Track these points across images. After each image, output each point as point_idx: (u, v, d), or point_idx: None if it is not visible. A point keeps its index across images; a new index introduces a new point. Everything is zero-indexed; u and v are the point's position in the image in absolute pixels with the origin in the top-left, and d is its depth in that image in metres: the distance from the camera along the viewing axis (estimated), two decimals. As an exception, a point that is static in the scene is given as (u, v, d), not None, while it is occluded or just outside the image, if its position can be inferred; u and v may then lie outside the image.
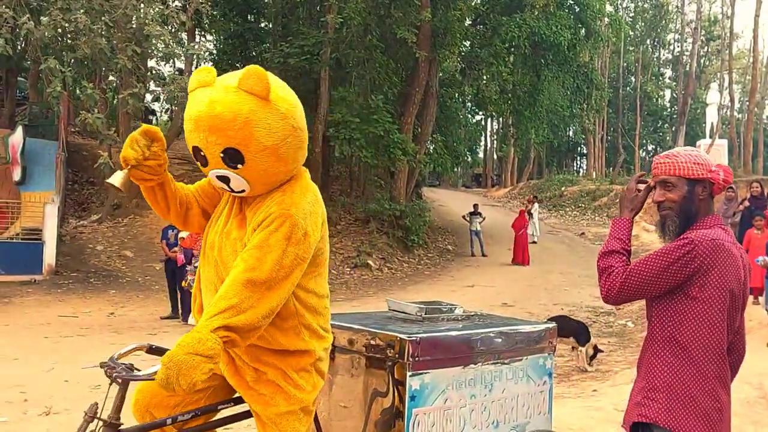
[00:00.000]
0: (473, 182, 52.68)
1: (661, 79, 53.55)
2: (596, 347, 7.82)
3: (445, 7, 19.32)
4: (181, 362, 1.87)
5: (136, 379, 2.11)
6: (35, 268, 13.76)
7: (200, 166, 2.23)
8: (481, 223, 20.40)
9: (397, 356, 2.64)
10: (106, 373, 2.13)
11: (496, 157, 52.88)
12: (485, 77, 23.07)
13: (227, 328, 1.96)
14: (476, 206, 20.96)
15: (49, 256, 14.08)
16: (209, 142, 2.12)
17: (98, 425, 2.08)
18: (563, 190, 33.77)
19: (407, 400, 2.62)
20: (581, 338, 7.79)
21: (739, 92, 49.06)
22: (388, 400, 2.67)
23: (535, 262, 18.56)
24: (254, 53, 22.14)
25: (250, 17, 22.42)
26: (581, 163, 56.51)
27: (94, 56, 11.88)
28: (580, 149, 54.25)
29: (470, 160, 47.97)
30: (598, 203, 29.98)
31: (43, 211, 14.46)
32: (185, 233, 9.80)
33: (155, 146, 2.29)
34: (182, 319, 10.40)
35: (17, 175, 15.90)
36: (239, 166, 2.13)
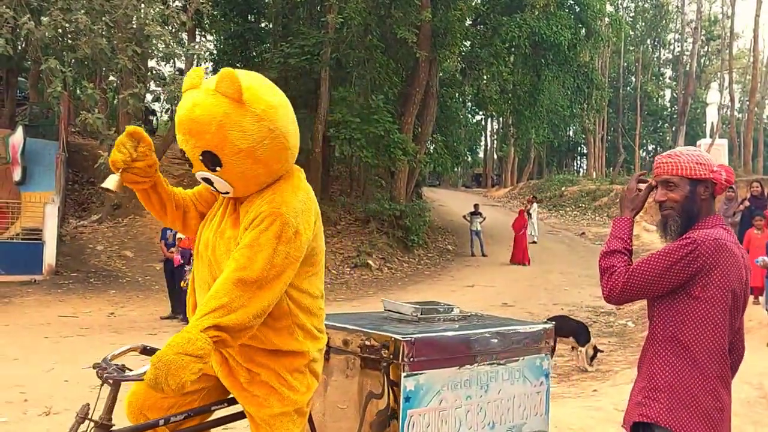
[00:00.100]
0: (473, 182, 52.66)
1: (661, 78, 53.57)
2: (596, 347, 7.81)
3: (445, 7, 19.32)
4: (170, 362, 1.86)
5: (125, 379, 2.09)
6: (35, 268, 13.74)
7: (190, 167, 2.25)
8: (481, 223, 20.41)
9: (391, 357, 2.62)
10: (97, 374, 2.13)
11: (496, 157, 52.89)
12: (485, 77, 23.06)
13: (218, 327, 1.94)
14: (477, 206, 20.97)
15: (49, 256, 14.07)
16: (189, 144, 2.13)
17: (89, 426, 2.07)
18: (563, 190, 33.77)
19: (402, 401, 2.60)
20: (581, 338, 7.78)
21: (739, 92, 49.04)
22: (383, 401, 2.65)
23: (535, 261, 18.57)
24: (254, 53, 22.21)
25: (250, 17, 22.44)
26: (581, 163, 56.50)
27: (94, 56, 11.87)
28: (580, 149, 54.24)
29: (470, 160, 47.90)
30: (598, 203, 29.97)
31: (43, 211, 14.45)
32: (184, 234, 9.79)
33: (142, 147, 2.30)
34: (182, 319, 10.40)
35: (17, 175, 15.87)
36: (218, 168, 2.12)
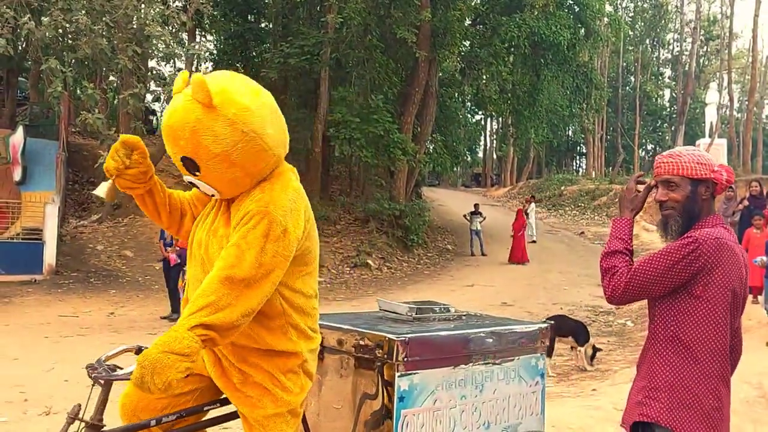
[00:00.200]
0: (473, 182, 52.70)
1: (660, 78, 53.54)
2: (595, 347, 7.81)
3: (444, 7, 19.35)
4: (155, 361, 1.84)
5: (114, 378, 2.08)
6: (35, 267, 13.73)
7: None
8: (481, 222, 20.44)
9: (385, 356, 2.60)
10: (88, 374, 2.12)
11: (495, 156, 52.93)
12: (485, 77, 23.09)
13: (205, 326, 1.93)
14: (477, 206, 21.03)
15: (49, 255, 14.05)
16: (170, 150, 2.15)
17: (80, 426, 2.07)
18: (563, 189, 33.81)
19: (396, 401, 2.58)
20: (580, 338, 7.79)
21: (738, 92, 49.07)
22: (377, 401, 2.64)
23: (534, 261, 18.59)
24: (254, 53, 22.25)
25: (250, 17, 22.46)
26: (581, 162, 56.52)
27: (94, 56, 11.87)
28: (579, 149, 54.26)
29: (470, 159, 47.90)
30: (597, 203, 30.00)
31: (43, 211, 14.42)
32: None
33: (135, 155, 2.32)
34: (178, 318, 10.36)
35: (18, 175, 15.85)
36: (197, 173, 2.13)
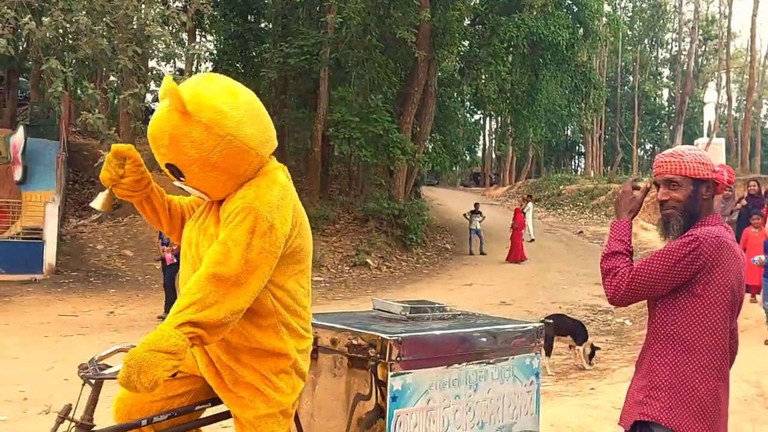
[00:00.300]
0: (472, 181, 52.76)
1: (658, 78, 53.64)
2: (593, 346, 7.83)
3: (444, 7, 19.38)
4: (141, 360, 1.82)
5: (102, 377, 2.06)
6: (36, 267, 13.74)
7: None
8: (481, 222, 20.46)
9: (378, 356, 2.59)
10: (78, 373, 2.10)
11: (494, 156, 52.96)
12: (484, 77, 23.11)
13: (192, 323, 1.91)
14: (477, 205, 21.09)
15: (49, 255, 14.06)
16: (156, 157, 2.16)
17: (70, 426, 2.05)
18: (561, 188, 33.81)
19: (389, 400, 2.57)
20: (578, 337, 7.81)
21: (736, 91, 49.08)
22: (370, 400, 2.63)
23: (533, 260, 18.62)
24: (254, 53, 22.26)
25: (250, 17, 22.46)
26: (579, 162, 56.53)
27: (95, 57, 11.89)
28: (578, 148, 54.29)
29: (469, 159, 47.98)
30: (596, 202, 30.02)
31: (43, 210, 14.43)
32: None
33: (128, 164, 2.34)
34: None
35: (18, 174, 15.85)
36: (182, 178, 2.14)
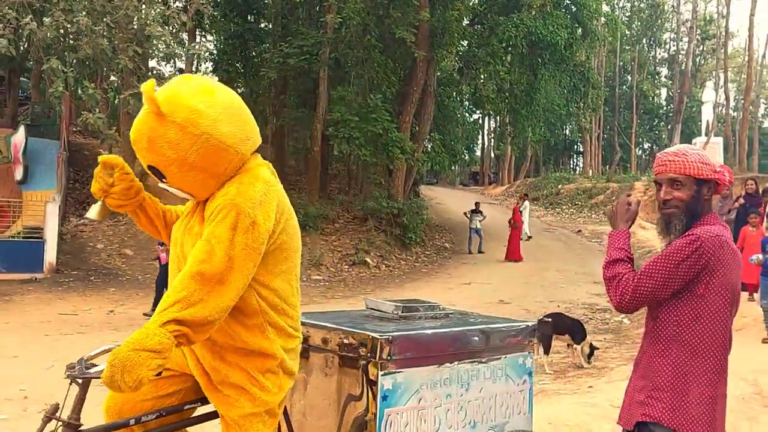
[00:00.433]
0: (471, 180, 52.78)
1: (657, 77, 53.70)
2: (592, 345, 7.85)
3: (443, 7, 19.41)
4: (125, 359, 1.80)
5: (87, 377, 2.04)
6: (36, 266, 13.79)
7: None
8: (481, 221, 20.50)
9: (369, 355, 2.58)
10: (65, 372, 2.08)
11: (493, 155, 52.89)
12: (483, 76, 23.11)
13: (177, 321, 1.89)
14: (478, 204, 21.15)
15: (50, 254, 14.11)
16: (140, 160, 2.16)
17: (57, 425, 2.04)
18: (560, 188, 33.85)
19: (379, 399, 2.55)
20: (577, 336, 7.83)
21: (734, 90, 49.22)
22: (361, 399, 2.61)
23: (531, 259, 18.65)
24: (254, 53, 22.27)
25: (250, 17, 22.45)
26: (578, 161, 56.58)
27: (95, 57, 11.96)
28: (576, 147, 54.34)
29: (468, 158, 48.07)
30: (594, 201, 30.06)
31: (44, 209, 14.47)
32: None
33: (116, 172, 2.38)
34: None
35: (19, 174, 15.87)
36: (164, 180, 2.14)
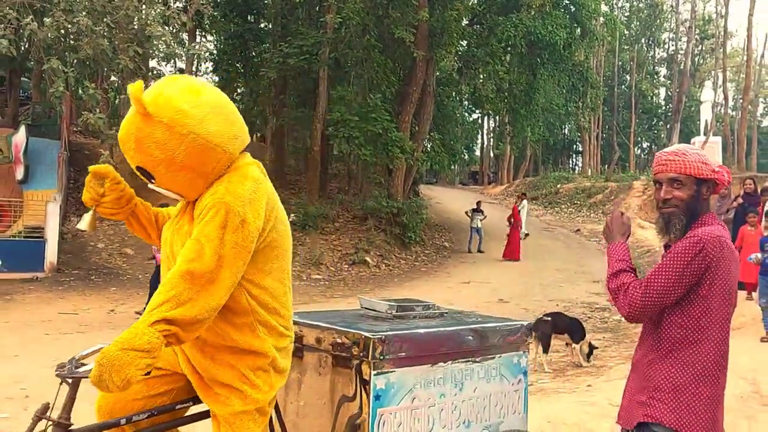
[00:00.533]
0: (470, 180, 52.79)
1: (655, 77, 53.74)
2: (591, 344, 7.88)
3: (442, 7, 19.43)
4: (114, 358, 1.79)
5: (77, 376, 2.02)
6: (37, 265, 13.80)
7: None
8: (482, 220, 20.54)
9: (362, 354, 2.57)
10: (55, 372, 2.07)
11: (492, 154, 52.94)
12: (482, 76, 23.15)
13: (167, 321, 1.89)
14: (479, 204, 21.19)
15: (50, 253, 14.12)
16: (128, 161, 2.16)
17: (47, 425, 2.04)
18: (559, 187, 33.85)
19: (372, 399, 2.55)
20: (575, 335, 7.86)
21: (732, 90, 49.31)
22: (354, 399, 2.61)
23: (530, 258, 18.69)
24: (254, 53, 22.30)
25: (250, 18, 22.49)
26: (577, 160, 56.64)
27: (96, 57, 12.00)
28: (575, 147, 54.42)
29: (467, 157, 48.17)
30: (593, 200, 30.10)
31: (45, 209, 14.47)
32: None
33: (107, 182, 2.40)
34: None
35: (20, 173, 15.84)
36: (152, 181, 2.14)
